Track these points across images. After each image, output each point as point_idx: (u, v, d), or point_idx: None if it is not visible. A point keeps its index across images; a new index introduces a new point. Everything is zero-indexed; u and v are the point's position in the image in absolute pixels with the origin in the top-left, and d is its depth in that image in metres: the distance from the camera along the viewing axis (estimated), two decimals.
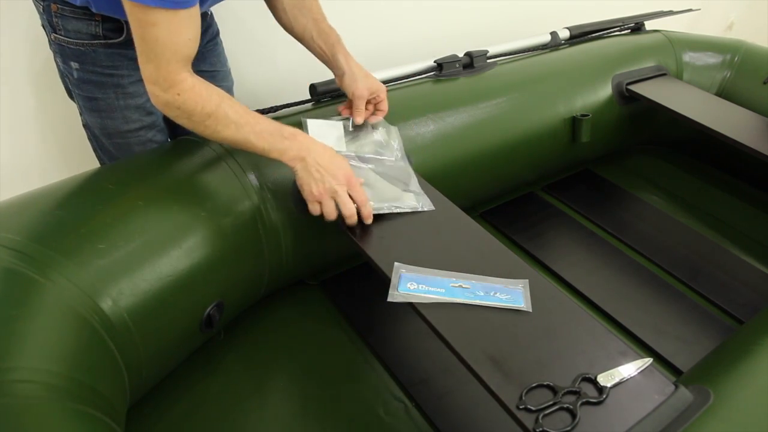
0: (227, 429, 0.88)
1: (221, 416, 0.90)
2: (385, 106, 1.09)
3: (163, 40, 0.80)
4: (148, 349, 0.81)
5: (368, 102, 1.07)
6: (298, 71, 1.37)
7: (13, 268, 0.72)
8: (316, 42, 1.06)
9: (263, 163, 0.99)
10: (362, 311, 1.08)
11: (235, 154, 0.99)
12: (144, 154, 1.02)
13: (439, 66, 1.30)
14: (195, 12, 0.82)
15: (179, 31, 0.81)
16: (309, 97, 1.18)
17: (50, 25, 0.97)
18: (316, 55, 1.09)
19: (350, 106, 1.07)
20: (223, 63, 1.22)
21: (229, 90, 1.25)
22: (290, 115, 1.12)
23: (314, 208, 0.93)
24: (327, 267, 1.17)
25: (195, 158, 0.98)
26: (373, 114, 1.10)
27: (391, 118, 1.12)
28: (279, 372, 0.98)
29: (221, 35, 1.20)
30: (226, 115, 0.87)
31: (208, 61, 1.16)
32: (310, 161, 0.91)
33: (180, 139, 1.05)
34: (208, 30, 1.14)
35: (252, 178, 0.97)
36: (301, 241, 1.03)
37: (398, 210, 0.97)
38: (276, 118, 1.10)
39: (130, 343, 0.78)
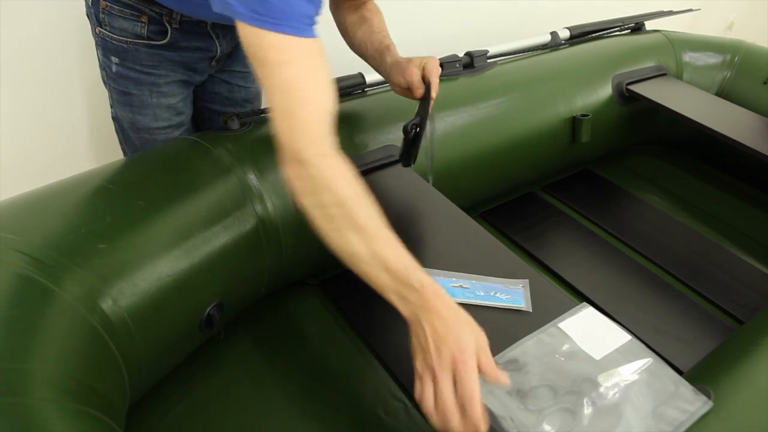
0: (227, 429, 0.88)
1: (221, 416, 0.90)
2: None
3: (301, 83, 0.65)
4: (148, 349, 0.81)
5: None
6: None
7: (13, 268, 0.72)
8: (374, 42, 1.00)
9: (263, 163, 0.99)
10: (362, 311, 1.08)
11: (236, 155, 0.99)
12: (144, 154, 1.02)
13: (440, 66, 1.29)
14: (322, 48, 0.67)
15: (317, 72, 0.66)
16: None
17: (96, 19, 0.99)
18: (372, 58, 1.02)
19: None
20: None
21: (258, 92, 1.26)
22: None
23: (417, 387, 0.66)
24: (327, 267, 1.17)
25: (196, 158, 0.98)
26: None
27: (391, 119, 1.12)
28: (279, 372, 0.98)
29: None
30: (358, 213, 0.67)
31: (242, 61, 1.17)
32: (426, 325, 0.66)
33: (181, 138, 1.05)
34: None
35: (252, 178, 0.97)
36: (301, 241, 1.03)
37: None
38: None
39: (130, 343, 0.78)
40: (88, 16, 1.03)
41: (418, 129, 0.95)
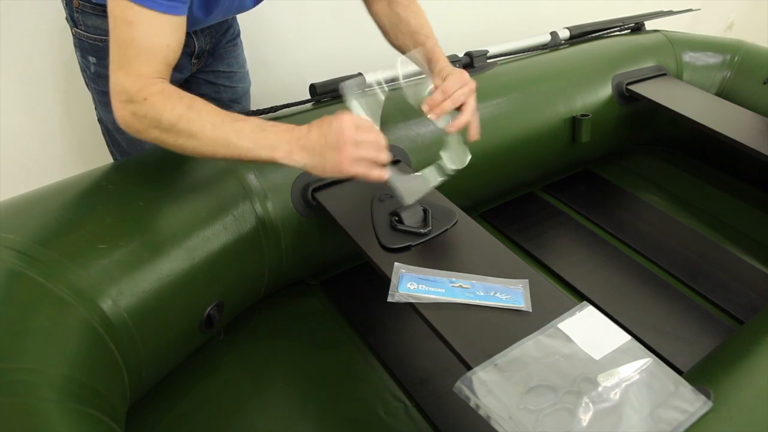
0: (227, 429, 0.88)
1: (221, 416, 0.90)
2: (470, 106, 0.96)
3: (138, 42, 0.74)
4: (148, 349, 0.81)
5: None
6: (298, 71, 1.38)
7: (14, 269, 0.72)
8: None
9: (263, 164, 0.99)
10: (362, 311, 1.08)
11: None
12: (144, 155, 1.02)
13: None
14: (179, 22, 0.77)
15: (157, 35, 0.75)
16: (309, 97, 1.18)
17: (72, 20, 0.99)
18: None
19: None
20: (241, 64, 1.22)
21: (245, 92, 1.26)
22: (291, 115, 1.12)
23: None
24: (327, 267, 1.17)
25: (195, 158, 0.97)
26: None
27: (391, 119, 1.12)
28: (279, 372, 0.98)
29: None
30: (200, 116, 0.77)
31: (226, 61, 1.16)
32: (306, 152, 0.80)
33: None
34: (229, 30, 1.15)
35: (252, 178, 0.97)
36: (301, 241, 1.03)
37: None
38: (276, 118, 1.11)
39: (130, 343, 0.78)
40: (67, 21, 1.01)
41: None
